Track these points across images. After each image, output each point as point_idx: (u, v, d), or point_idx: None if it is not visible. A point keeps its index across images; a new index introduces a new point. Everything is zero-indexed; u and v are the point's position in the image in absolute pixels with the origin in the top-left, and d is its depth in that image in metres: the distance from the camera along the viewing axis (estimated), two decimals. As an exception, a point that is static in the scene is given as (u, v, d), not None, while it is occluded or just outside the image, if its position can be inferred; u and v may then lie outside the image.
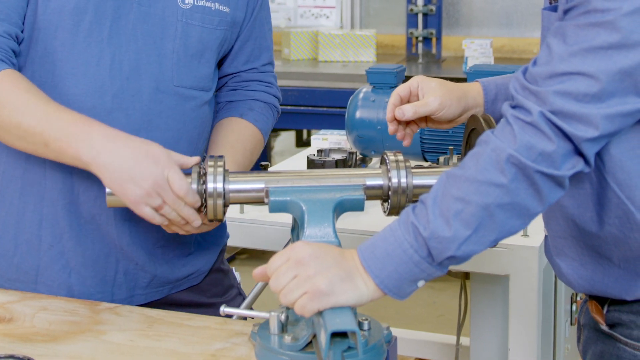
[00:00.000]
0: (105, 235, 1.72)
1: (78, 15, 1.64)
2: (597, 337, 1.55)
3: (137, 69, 1.67)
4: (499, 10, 4.91)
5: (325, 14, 5.06)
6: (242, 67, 1.87)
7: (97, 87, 1.65)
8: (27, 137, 1.56)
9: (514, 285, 2.14)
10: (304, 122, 4.54)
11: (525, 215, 1.33)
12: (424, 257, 1.33)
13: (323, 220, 1.47)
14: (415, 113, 1.62)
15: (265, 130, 1.87)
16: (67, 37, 1.64)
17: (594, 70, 1.28)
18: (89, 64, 1.65)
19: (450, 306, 4.25)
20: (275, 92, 1.92)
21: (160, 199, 1.52)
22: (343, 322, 1.29)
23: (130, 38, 1.67)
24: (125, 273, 1.76)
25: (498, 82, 1.69)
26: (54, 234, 1.71)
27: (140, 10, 1.67)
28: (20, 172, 1.71)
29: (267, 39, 1.89)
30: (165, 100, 1.70)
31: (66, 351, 1.49)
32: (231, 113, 1.85)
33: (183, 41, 1.71)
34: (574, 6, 1.32)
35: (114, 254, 1.74)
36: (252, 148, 1.82)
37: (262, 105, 1.88)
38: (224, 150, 1.75)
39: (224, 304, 1.56)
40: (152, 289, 1.80)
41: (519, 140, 1.30)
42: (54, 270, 1.72)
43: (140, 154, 1.52)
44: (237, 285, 1.98)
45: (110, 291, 1.75)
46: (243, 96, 1.87)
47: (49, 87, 1.64)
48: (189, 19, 1.71)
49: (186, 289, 1.86)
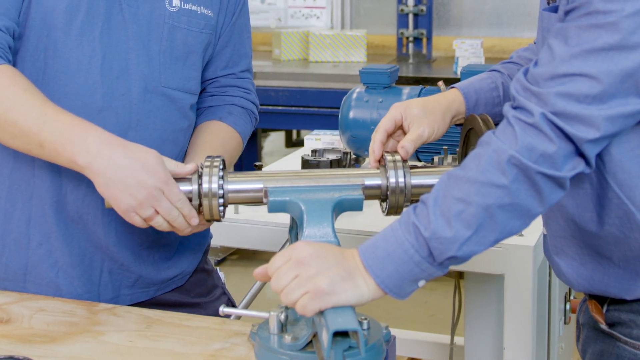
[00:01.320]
0: (92, 234, 1.72)
1: (71, 14, 1.64)
2: (596, 336, 1.56)
3: (127, 68, 1.68)
4: (489, 10, 4.93)
5: (315, 15, 5.06)
6: (220, 73, 1.89)
7: (88, 85, 1.65)
8: (22, 137, 1.55)
9: (509, 284, 2.15)
10: (294, 123, 4.54)
11: (526, 216, 1.34)
12: (424, 257, 1.33)
13: (322, 220, 1.47)
14: (415, 148, 1.59)
15: (244, 134, 1.88)
16: (59, 35, 1.64)
17: (595, 72, 1.29)
18: (80, 62, 1.65)
19: (442, 306, 4.26)
20: (253, 99, 1.93)
21: (152, 210, 1.52)
22: (345, 321, 1.30)
23: (121, 38, 1.67)
24: (110, 272, 1.75)
25: (476, 86, 1.69)
26: (43, 232, 1.71)
27: (130, 11, 1.68)
28: (8, 171, 1.70)
29: (245, 46, 1.91)
30: (154, 100, 1.71)
31: (65, 352, 1.49)
32: (210, 117, 1.85)
33: (169, 43, 1.72)
34: (575, 7, 1.32)
35: (99, 253, 1.74)
36: (231, 150, 1.82)
37: (240, 110, 1.89)
38: (203, 150, 1.75)
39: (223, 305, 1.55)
40: (138, 290, 1.80)
41: (521, 142, 1.30)
42: (42, 268, 1.72)
43: (136, 164, 1.51)
44: (222, 285, 1.99)
45: (97, 291, 1.75)
46: (221, 101, 1.89)
47: (40, 85, 1.63)
48: (175, 21, 1.72)
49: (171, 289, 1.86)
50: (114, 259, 1.75)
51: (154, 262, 1.80)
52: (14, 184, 1.70)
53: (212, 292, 1.94)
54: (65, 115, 1.56)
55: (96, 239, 1.72)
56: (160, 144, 1.70)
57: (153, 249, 1.79)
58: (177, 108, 1.75)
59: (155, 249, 1.80)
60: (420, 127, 1.59)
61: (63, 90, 1.65)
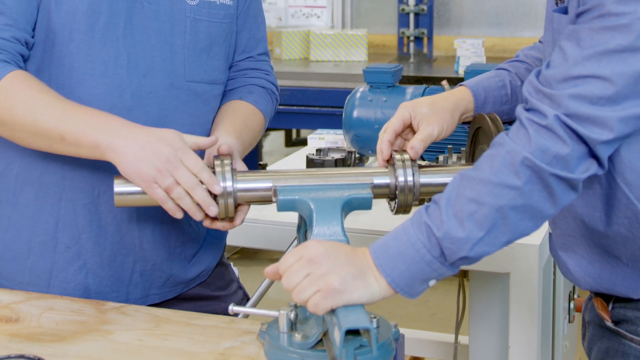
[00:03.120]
0: (125, 235, 1.73)
1: (92, 17, 1.64)
2: (602, 334, 1.57)
3: (152, 66, 1.69)
4: (490, 10, 4.93)
5: (316, 14, 5.06)
6: (239, 57, 1.89)
7: (115, 86, 1.66)
8: (43, 133, 1.56)
9: (514, 283, 2.15)
10: (295, 122, 4.54)
11: (538, 217, 1.34)
12: (436, 256, 1.34)
13: (331, 219, 1.48)
14: (424, 148, 1.60)
15: (266, 112, 1.89)
16: (82, 38, 1.64)
17: (609, 74, 1.29)
18: (106, 64, 1.66)
19: (443, 305, 4.26)
20: (272, 80, 1.94)
21: (172, 178, 1.52)
22: (357, 319, 1.30)
23: (144, 36, 1.68)
24: (141, 274, 1.77)
25: (484, 84, 1.69)
26: (72, 235, 1.71)
27: (150, 8, 1.69)
28: (38, 174, 1.71)
29: (261, 30, 1.92)
30: (180, 95, 1.73)
31: (74, 351, 1.49)
32: (231, 98, 1.86)
33: (192, 37, 1.73)
34: (587, 9, 1.32)
35: (131, 255, 1.75)
36: (254, 126, 1.82)
37: (261, 90, 1.90)
38: (225, 126, 1.75)
39: (232, 303, 1.56)
40: (167, 289, 1.81)
41: (534, 143, 1.31)
42: (70, 271, 1.72)
43: (154, 137, 1.54)
44: (237, 280, 2.00)
45: (126, 290, 1.76)
46: (242, 83, 1.89)
47: (68, 90, 1.65)
48: (196, 14, 1.73)
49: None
50: (147, 259, 1.76)
51: (184, 259, 1.81)
52: (43, 187, 1.71)
53: (230, 285, 1.95)
54: (84, 108, 1.59)
55: (129, 239, 1.73)
56: None
57: (186, 245, 1.81)
58: (203, 101, 1.77)
59: (187, 245, 1.81)
60: (429, 125, 1.59)
61: (91, 92, 1.66)
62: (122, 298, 1.75)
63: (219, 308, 1.84)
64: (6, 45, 1.60)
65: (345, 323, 1.28)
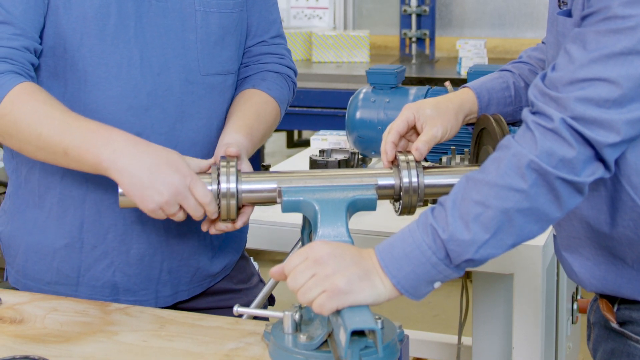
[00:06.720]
0: (152, 232, 1.73)
1: (102, 20, 1.64)
2: (607, 335, 1.57)
3: (166, 64, 1.69)
4: (492, 11, 4.93)
5: (318, 15, 5.06)
6: (250, 42, 1.87)
7: (131, 87, 1.66)
8: (47, 147, 1.56)
9: (518, 284, 2.15)
10: (297, 123, 4.54)
11: (544, 220, 1.34)
12: (441, 259, 1.34)
13: (336, 220, 1.48)
14: (429, 149, 1.60)
15: (280, 99, 1.86)
16: (94, 42, 1.64)
17: (615, 76, 1.29)
18: (120, 65, 1.65)
19: (445, 306, 4.26)
20: (288, 63, 1.91)
21: (177, 207, 1.53)
22: (363, 320, 1.30)
23: (155, 35, 1.68)
24: (169, 272, 1.77)
25: (488, 86, 1.70)
26: (98, 235, 1.72)
27: (159, 6, 1.68)
28: (59, 177, 1.71)
29: (272, 12, 1.89)
30: (196, 90, 1.72)
31: (79, 352, 1.49)
32: (244, 87, 1.84)
33: (204, 29, 1.72)
34: (593, 12, 1.32)
35: (159, 254, 1.75)
36: (267, 115, 1.80)
37: (274, 75, 1.87)
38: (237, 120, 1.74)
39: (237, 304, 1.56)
40: (195, 284, 1.81)
41: (540, 146, 1.31)
42: (98, 270, 1.73)
43: (160, 161, 1.53)
44: (257, 273, 2.00)
45: (155, 288, 1.77)
46: (255, 70, 1.87)
47: (83, 94, 1.65)
48: (206, 7, 1.72)
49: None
50: (174, 254, 1.76)
51: (210, 251, 1.81)
52: (66, 189, 1.71)
53: (251, 279, 1.95)
54: (87, 121, 1.57)
55: (156, 236, 1.74)
56: (207, 130, 1.73)
57: (210, 236, 1.80)
58: (218, 93, 1.76)
59: (214, 237, 1.81)
60: (433, 127, 1.59)
61: (107, 95, 1.66)
62: (152, 296, 1.76)
63: (242, 301, 1.84)
64: (16, 55, 1.59)
65: (351, 324, 1.28)
